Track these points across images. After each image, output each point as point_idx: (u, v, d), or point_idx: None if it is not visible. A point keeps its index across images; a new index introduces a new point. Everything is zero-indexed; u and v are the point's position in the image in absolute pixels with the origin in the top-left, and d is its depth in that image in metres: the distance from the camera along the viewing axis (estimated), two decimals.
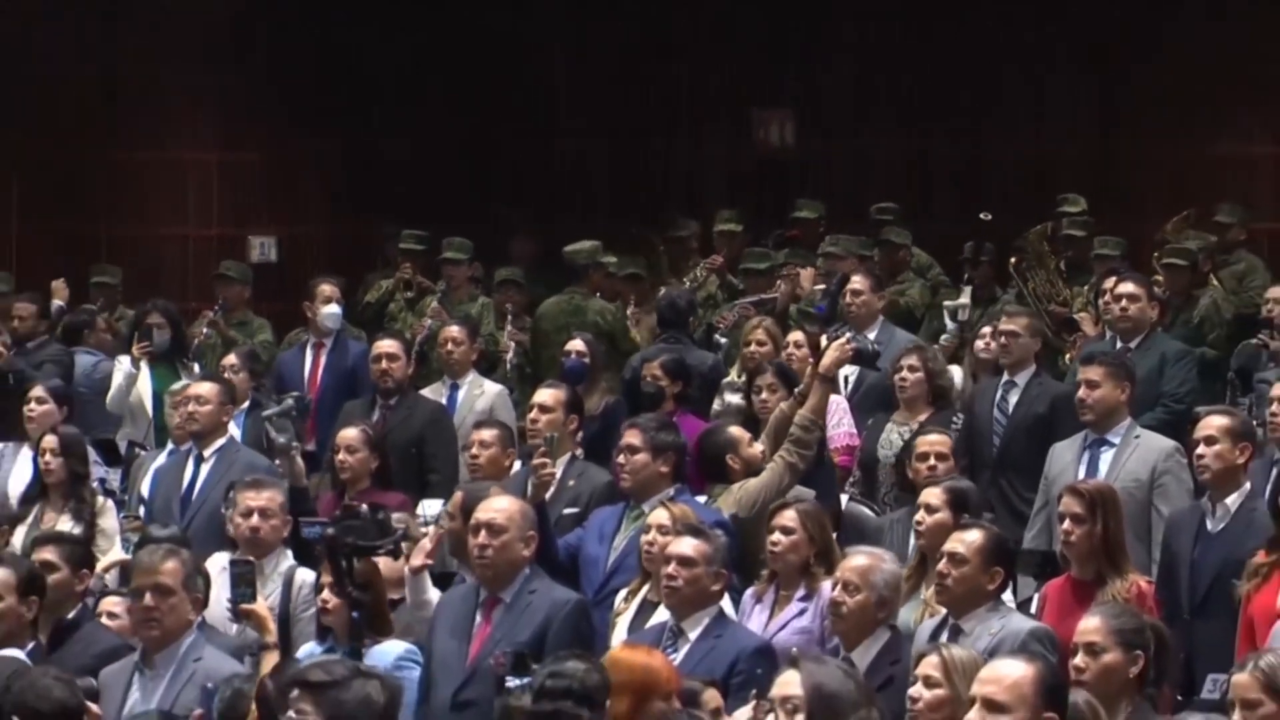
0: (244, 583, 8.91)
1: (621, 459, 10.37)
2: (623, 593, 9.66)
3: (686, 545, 8.94)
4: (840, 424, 12.36)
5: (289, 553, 9.89)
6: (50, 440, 11.51)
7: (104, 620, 9.48)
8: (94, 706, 7.62)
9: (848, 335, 11.23)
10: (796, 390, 11.07)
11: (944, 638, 8.38)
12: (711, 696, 7.89)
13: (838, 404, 12.42)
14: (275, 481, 10.50)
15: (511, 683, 7.90)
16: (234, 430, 12.59)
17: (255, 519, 10.06)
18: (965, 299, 15.15)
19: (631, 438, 10.39)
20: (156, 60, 20.01)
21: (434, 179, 19.20)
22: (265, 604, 9.20)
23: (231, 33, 20.15)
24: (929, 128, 19.40)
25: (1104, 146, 18.90)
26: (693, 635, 8.81)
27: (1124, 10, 19.07)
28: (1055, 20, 19.17)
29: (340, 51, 19.88)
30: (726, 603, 9.36)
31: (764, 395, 11.80)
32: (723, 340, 14.71)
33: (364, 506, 9.27)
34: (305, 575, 9.63)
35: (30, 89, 19.66)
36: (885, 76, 19.75)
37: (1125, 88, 19.25)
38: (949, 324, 14.62)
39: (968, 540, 8.75)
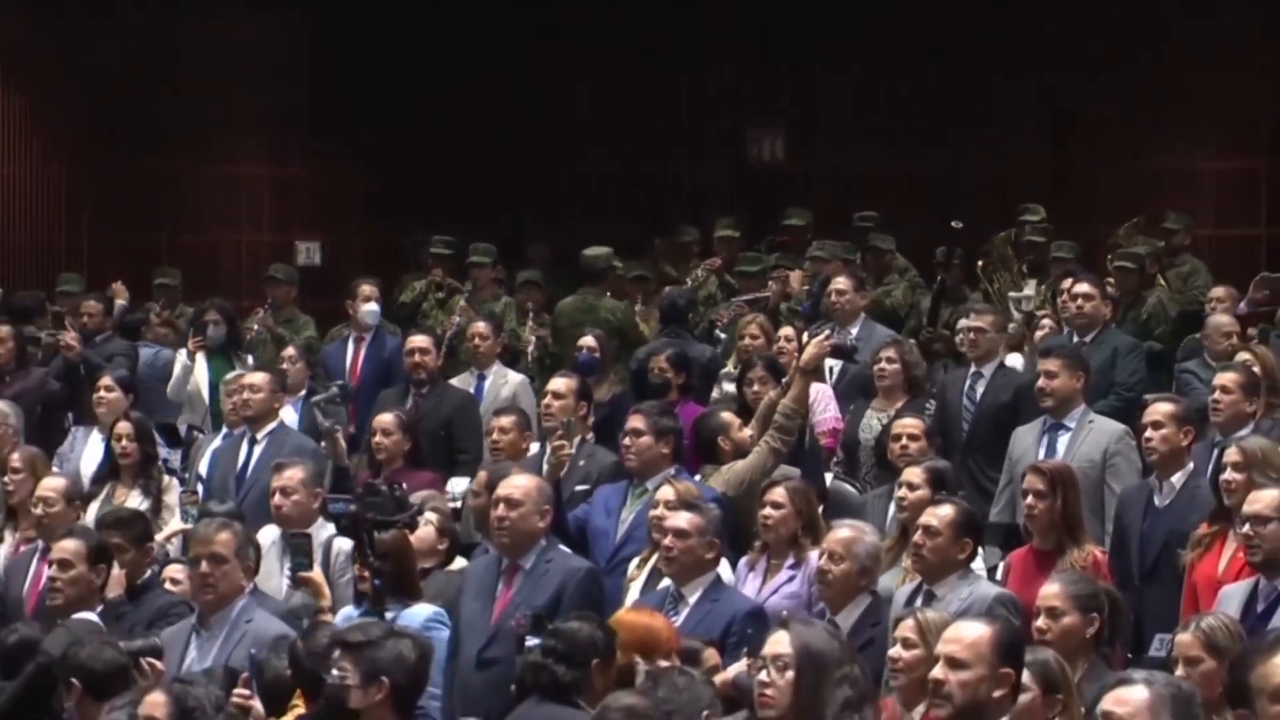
0: (301, 553, 8.97)
1: (627, 441, 10.37)
2: (635, 561, 9.67)
3: (681, 519, 8.96)
4: (826, 410, 12.35)
5: (327, 524, 9.86)
6: (125, 426, 11.49)
7: (167, 585, 9.49)
8: (159, 663, 7.62)
9: (826, 332, 11.25)
10: (783, 381, 11.06)
11: (919, 602, 8.36)
12: (710, 655, 7.89)
13: (824, 392, 12.42)
14: (298, 461, 10.45)
15: (530, 642, 7.92)
16: (291, 415, 12.58)
17: (278, 496, 10.05)
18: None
19: (636, 422, 10.40)
20: (214, 87, 20.07)
21: (461, 191, 19.20)
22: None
23: (279, 63, 20.22)
24: (905, 146, 19.40)
25: (1062, 162, 18.91)
26: (691, 599, 8.80)
27: (1080, 44, 19.12)
28: (1020, 54, 19.21)
29: (376, 80, 19.92)
30: (725, 569, 9.39)
31: (755, 386, 11.75)
32: (722, 335, 14.71)
33: (384, 485, 9.31)
34: (342, 544, 9.59)
35: (103, 113, 19.73)
36: (866, 101, 19.77)
37: (1080, 111, 19.29)
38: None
39: (940, 514, 8.73)
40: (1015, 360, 13.03)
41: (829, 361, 12.81)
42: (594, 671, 7.25)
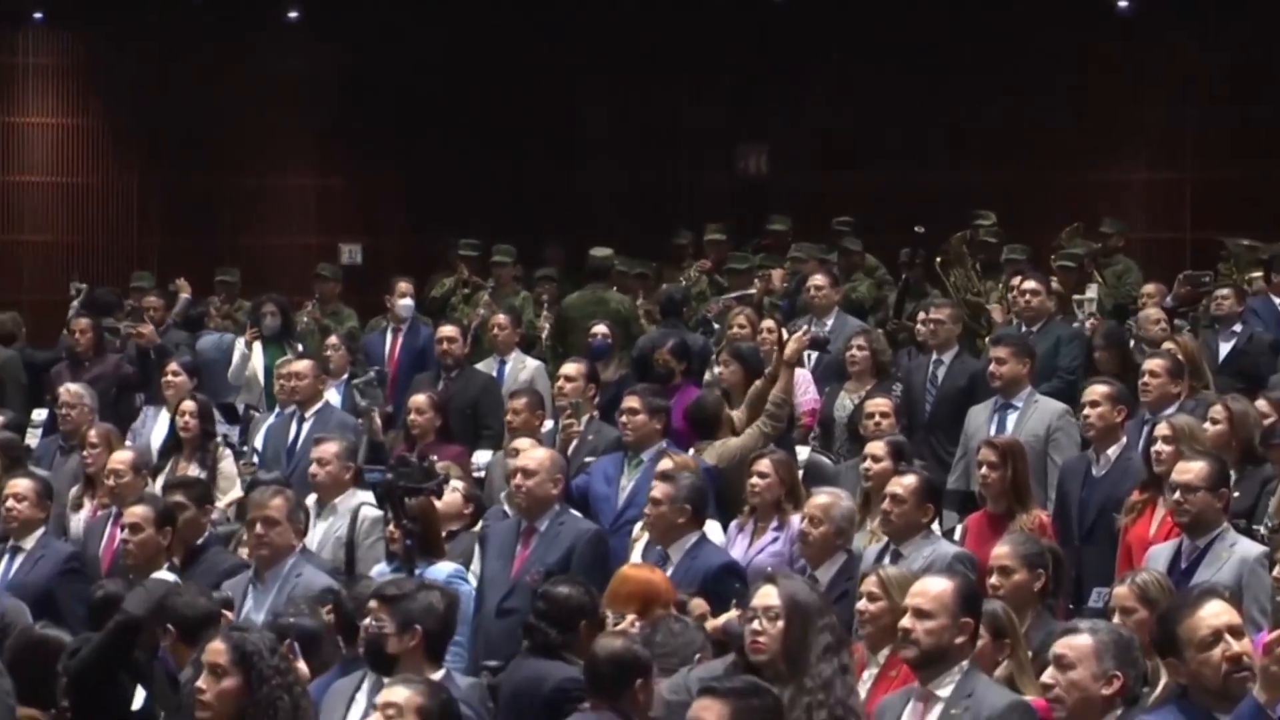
0: None
1: (624, 419, 10.34)
2: (638, 525, 9.59)
3: (657, 490, 8.92)
4: (806, 392, 12.34)
5: (358, 492, 9.82)
6: (188, 405, 11.44)
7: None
8: (228, 613, 7.61)
9: (805, 327, 11.25)
10: (766, 371, 11.05)
11: (886, 561, 8.34)
12: (698, 604, 7.87)
13: (804, 376, 12.42)
14: (334, 436, 10.36)
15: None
16: (335, 396, 12.54)
17: (314, 466, 9.96)
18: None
19: (632, 402, 10.38)
20: (268, 108, 20.13)
21: (485, 200, 19.17)
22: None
23: (325, 87, 20.23)
24: (874, 161, 19.38)
25: (1012, 174, 18.85)
26: (675, 557, 8.75)
27: (1029, 73, 19.11)
28: (978, 83, 19.19)
29: (410, 102, 19.90)
30: (717, 531, 9.38)
31: (720, 370, 11.83)
32: (716, 325, 14.68)
33: (414, 457, 9.29)
34: (369, 511, 9.54)
35: (170, 131, 19.74)
36: (840, 122, 19.73)
37: (1029, 130, 19.27)
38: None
39: (905, 483, 8.71)
40: None
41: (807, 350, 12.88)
42: (582, 632, 7.21)
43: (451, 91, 19.75)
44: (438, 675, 6.54)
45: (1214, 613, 5.79)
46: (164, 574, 8.29)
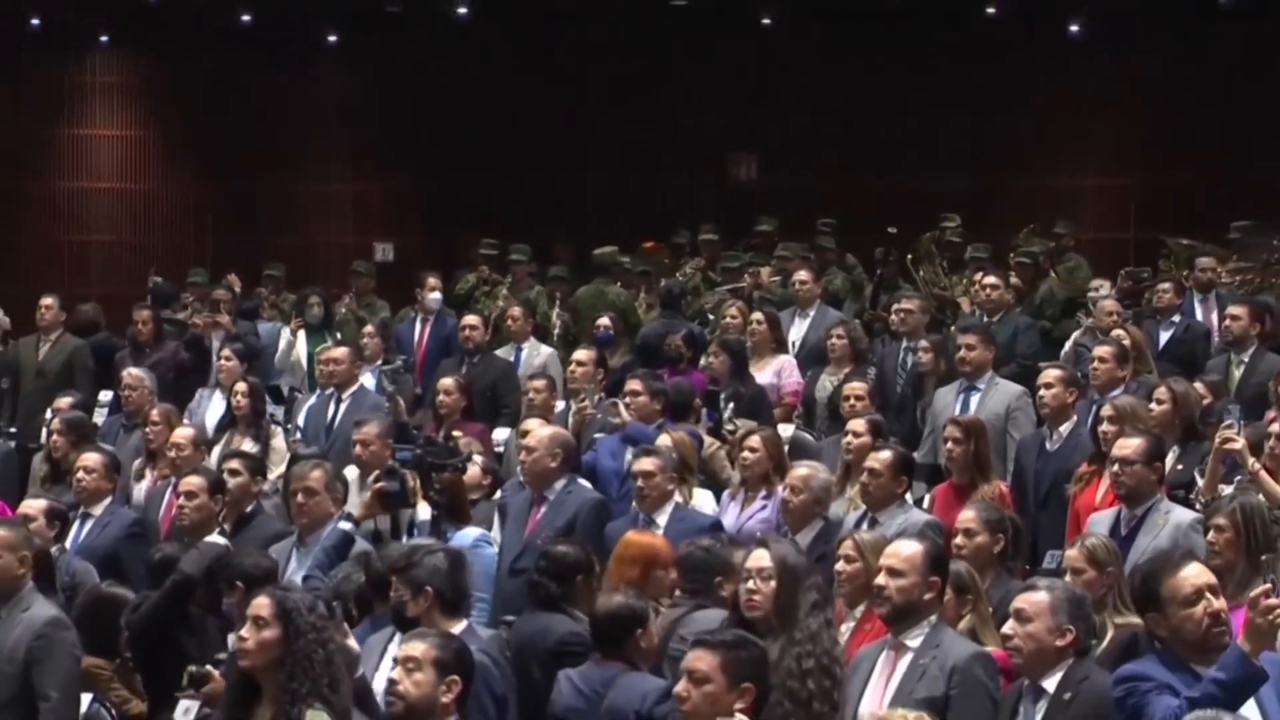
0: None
1: (628, 400, 10.36)
2: None
3: (648, 463, 8.93)
4: (790, 376, 12.35)
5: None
6: (241, 386, 11.44)
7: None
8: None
9: None
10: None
11: (864, 527, 8.32)
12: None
13: (789, 362, 12.44)
14: (373, 418, 10.33)
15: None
16: (369, 379, 12.53)
17: (358, 447, 9.94)
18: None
19: (634, 385, 10.45)
20: (309, 122, 20.14)
21: (503, 205, 19.16)
22: None
23: (360, 104, 20.29)
24: (853, 169, 19.35)
25: (975, 181, 18.87)
26: (661, 521, 8.77)
27: (990, 86, 19.11)
28: (946, 99, 19.20)
29: (435, 117, 19.88)
30: (710, 500, 9.36)
31: (710, 359, 11.85)
32: (711, 317, 14.67)
33: (440, 436, 9.29)
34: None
35: (222, 142, 19.75)
36: (823, 134, 19.69)
37: (991, 143, 19.31)
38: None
39: (881, 458, 8.71)
40: None
41: (793, 336, 12.92)
42: (579, 586, 7.22)
43: (472, 109, 19.74)
44: (459, 628, 6.52)
45: (1195, 573, 5.83)
46: (215, 538, 8.29)
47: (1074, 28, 19.30)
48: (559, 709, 6.51)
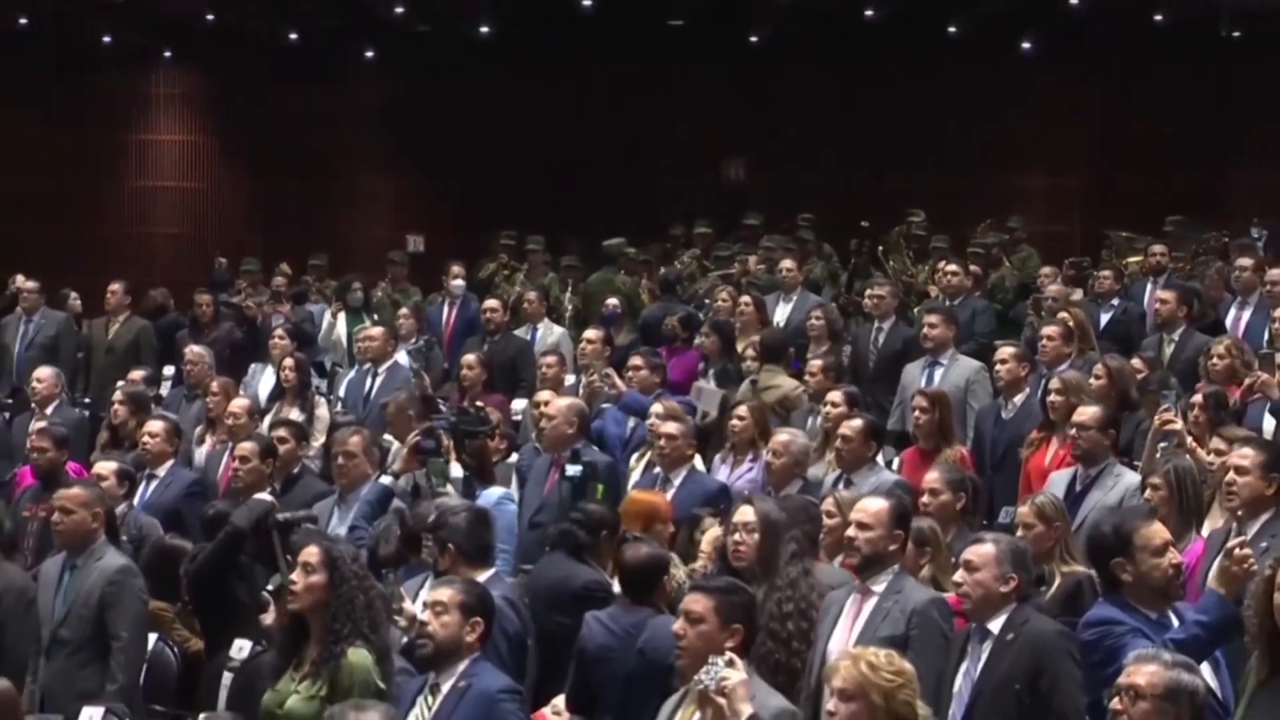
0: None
1: (630, 373, 10.34)
2: (634, 457, 9.60)
3: (671, 426, 8.89)
4: None
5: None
6: (290, 361, 11.42)
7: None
8: (314, 525, 7.60)
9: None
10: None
11: (841, 487, 8.30)
12: (709, 523, 7.80)
13: None
14: (402, 390, 10.34)
15: (570, 470, 7.91)
16: (403, 357, 12.51)
17: (392, 409, 9.94)
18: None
19: (636, 360, 10.45)
20: (349, 130, 20.13)
21: (521, 202, 19.11)
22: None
23: (396, 111, 20.20)
24: (831, 171, 19.34)
25: (938, 181, 18.84)
26: (676, 481, 8.74)
27: (953, 97, 19.12)
28: (913, 106, 19.15)
29: (461, 124, 19.84)
30: (699, 461, 9.37)
31: (704, 340, 11.83)
32: (707, 301, 14.64)
33: (471, 407, 9.27)
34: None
35: (272, 145, 19.72)
36: (805, 140, 19.64)
37: (952, 145, 19.25)
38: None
39: (853, 426, 8.69)
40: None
41: (777, 317, 12.89)
42: (603, 540, 7.20)
43: (493, 119, 19.69)
44: (484, 575, 6.49)
45: (1160, 529, 5.86)
46: (264, 495, 8.29)
47: (1026, 46, 19.33)
48: (591, 646, 6.46)
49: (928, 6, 18.44)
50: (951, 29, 18.89)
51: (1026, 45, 19.30)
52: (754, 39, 19.55)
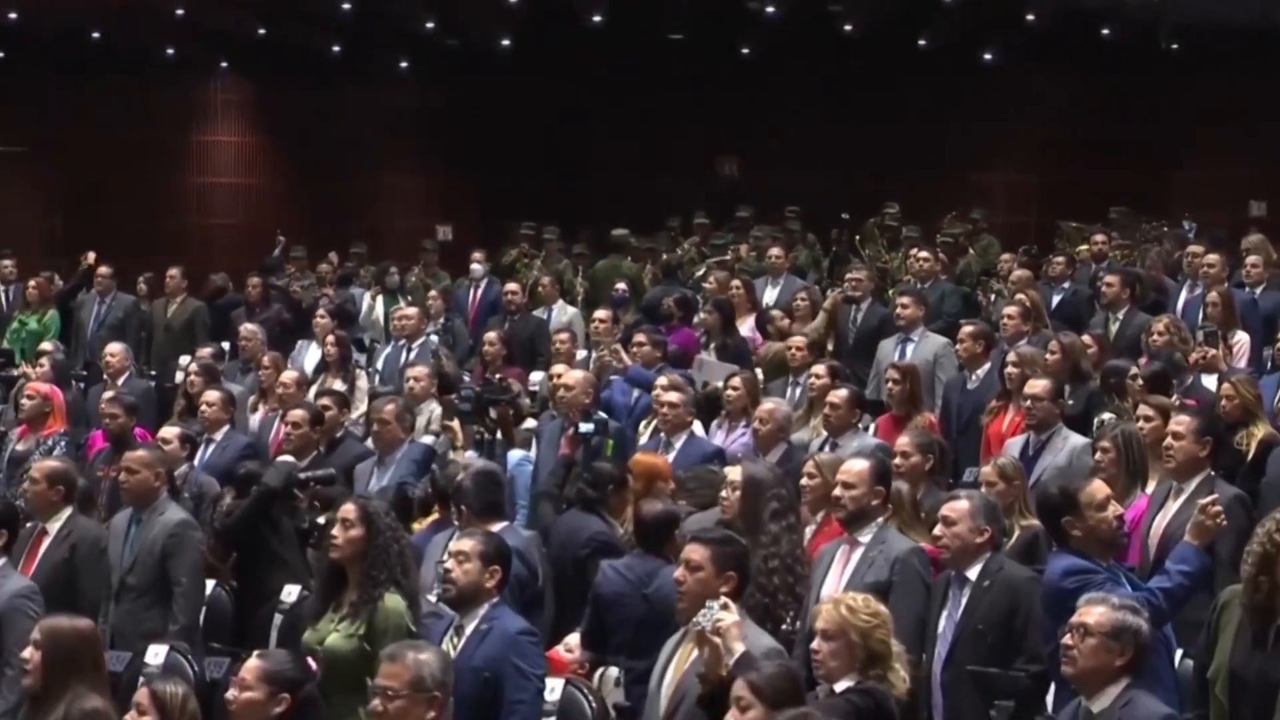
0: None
1: (635, 349, 10.28)
2: (643, 423, 9.53)
3: (673, 395, 8.84)
4: (754, 330, 12.25)
5: (433, 403, 9.74)
6: (332, 338, 11.39)
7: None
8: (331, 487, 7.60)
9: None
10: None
11: (827, 450, 8.25)
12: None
13: (750, 323, 12.33)
14: (421, 363, 10.32)
15: (585, 427, 7.87)
16: (433, 337, 12.47)
17: (411, 381, 9.90)
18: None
19: (640, 338, 10.37)
20: (385, 132, 20.09)
21: (538, 198, 19.05)
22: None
23: (426, 117, 20.16)
24: (814, 169, 19.22)
25: (910, 177, 18.75)
26: (677, 445, 8.69)
27: (923, 101, 19.06)
28: (887, 109, 19.09)
29: (485, 127, 19.76)
30: (699, 427, 9.32)
31: (704, 317, 11.76)
32: (704, 284, 14.60)
33: (496, 378, 9.23)
34: (436, 411, 9.49)
35: (310, 145, 19.68)
36: (792, 139, 19.59)
37: (923, 148, 19.18)
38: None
39: (840, 395, 8.67)
40: None
41: (766, 299, 12.86)
42: (610, 494, 7.20)
43: (514, 122, 19.65)
44: (499, 527, 6.47)
45: (1101, 486, 5.87)
46: (287, 457, 8.23)
47: (987, 56, 19.28)
48: (606, 591, 6.40)
49: (901, 24, 18.38)
50: (921, 42, 18.84)
51: (988, 57, 19.25)
52: (745, 50, 19.53)
